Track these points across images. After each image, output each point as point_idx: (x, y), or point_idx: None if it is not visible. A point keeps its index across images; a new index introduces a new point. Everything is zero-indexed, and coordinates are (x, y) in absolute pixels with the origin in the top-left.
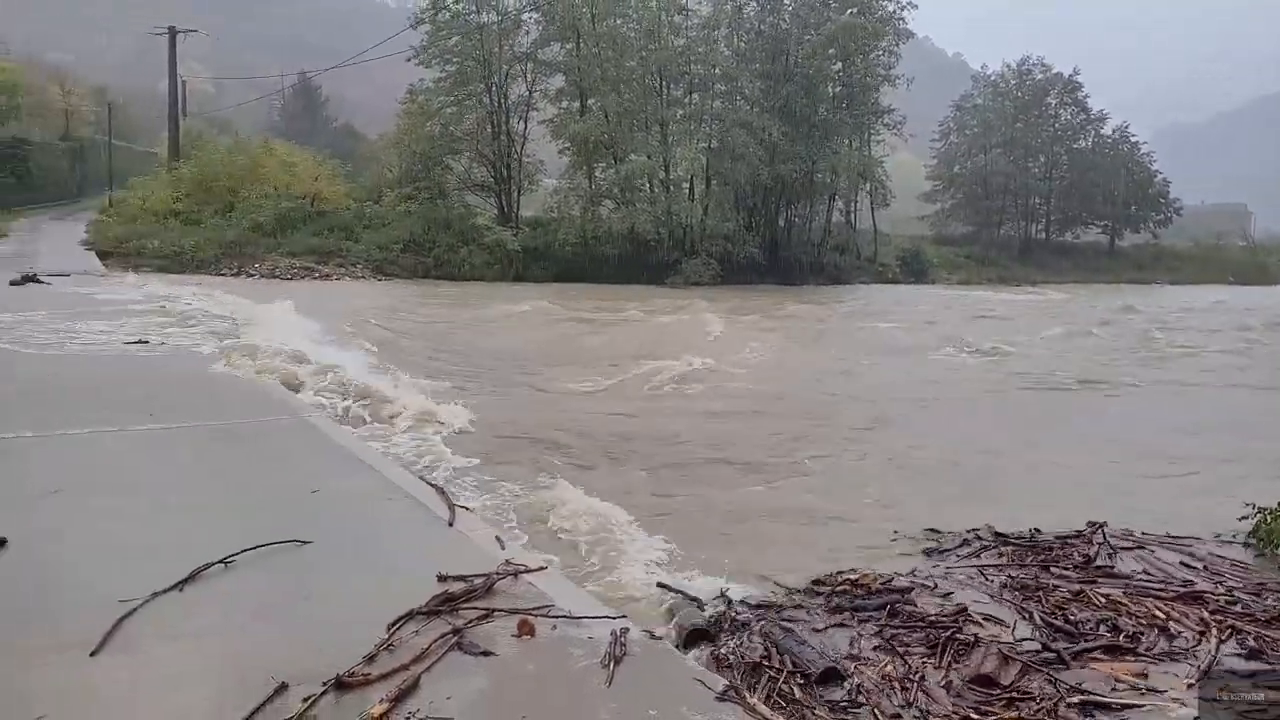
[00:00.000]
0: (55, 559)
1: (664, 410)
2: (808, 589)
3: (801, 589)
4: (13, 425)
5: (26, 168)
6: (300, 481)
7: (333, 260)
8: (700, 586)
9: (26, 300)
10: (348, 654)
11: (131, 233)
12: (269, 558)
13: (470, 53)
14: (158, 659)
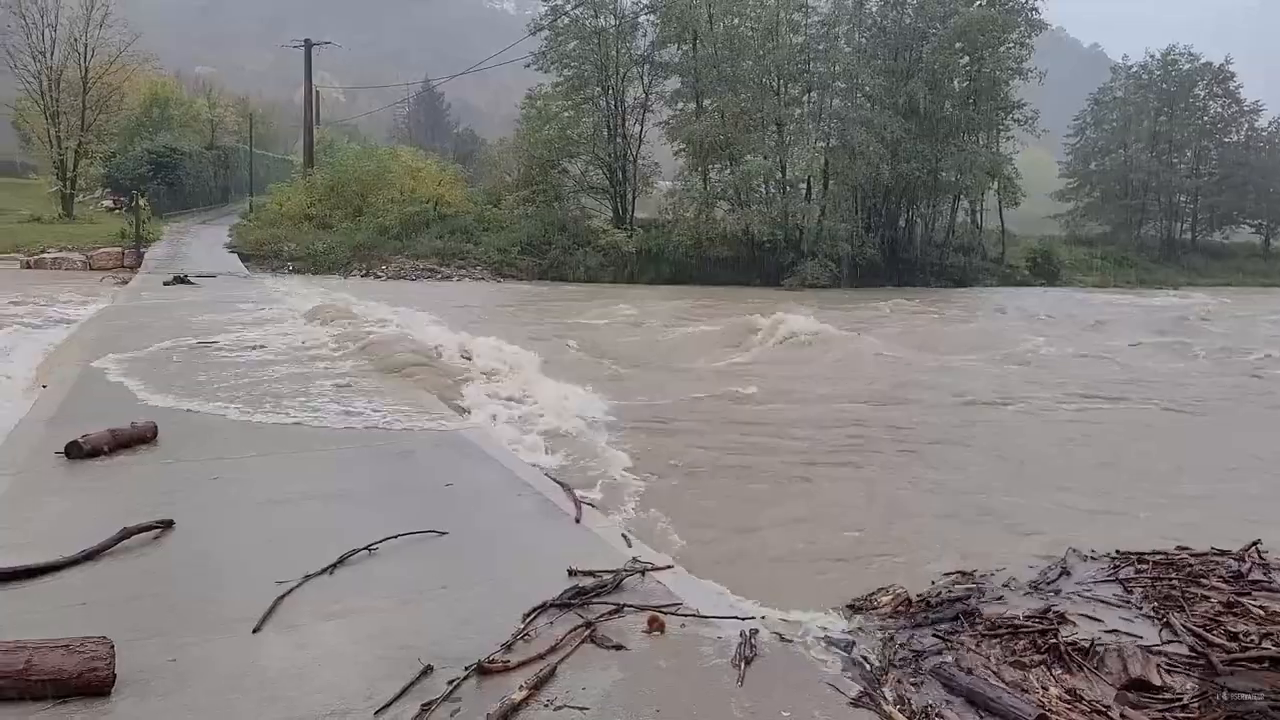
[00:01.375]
0: (218, 540)
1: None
2: (938, 602)
3: (933, 602)
4: (193, 417)
5: (178, 175)
6: (436, 475)
7: (454, 262)
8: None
9: (205, 304)
10: (486, 641)
11: (270, 236)
12: (409, 546)
13: (588, 57)
14: (313, 637)
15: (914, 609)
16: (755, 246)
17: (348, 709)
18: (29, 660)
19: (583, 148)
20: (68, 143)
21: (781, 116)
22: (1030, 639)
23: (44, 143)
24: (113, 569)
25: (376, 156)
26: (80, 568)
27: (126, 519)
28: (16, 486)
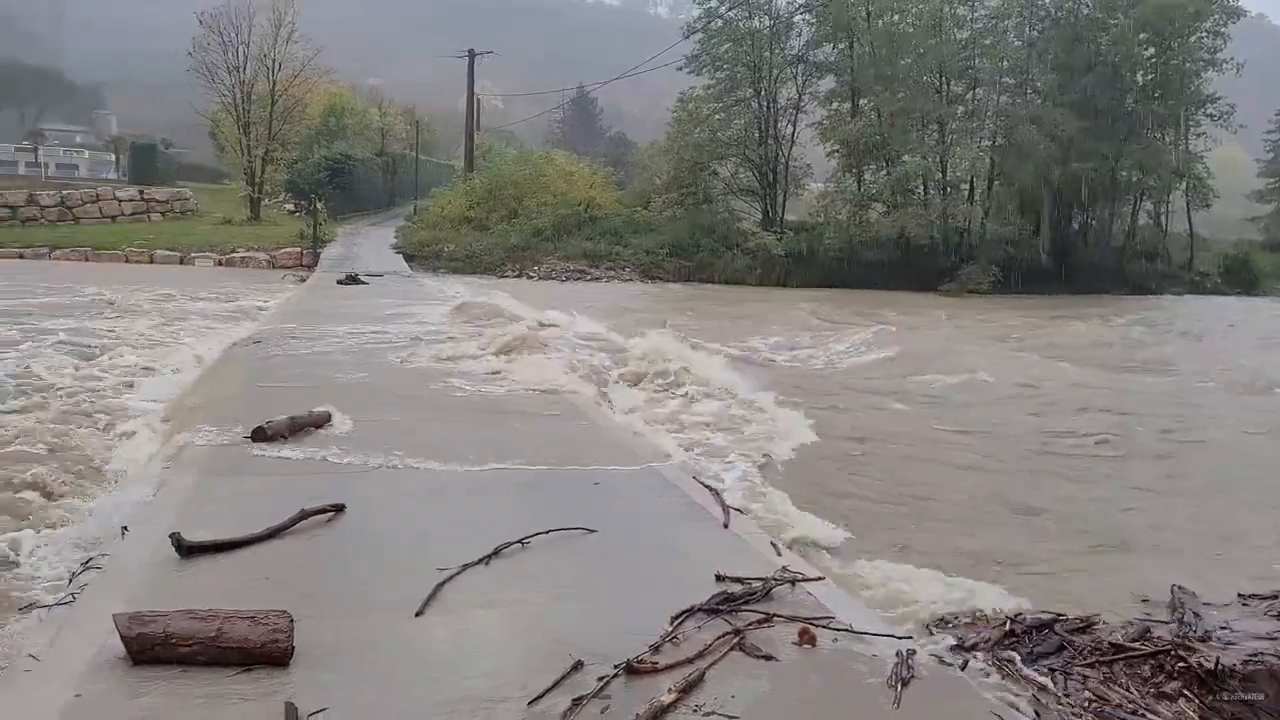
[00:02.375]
0: (384, 525)
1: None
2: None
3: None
4: (363, 408)
5: (351, 180)
6: (588, 472)
7: (603, 263)
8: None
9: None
10: (633, 640)
11: (432, 238)
12: (560, 542)
13: (740, 58)
14: (471, 624)
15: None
16: (911, 250)
17: (503, 697)
18: (219, 629)
19: (733, 150)
20: (256, 151)
21: (943, 115)
22: (1158, 662)
23: (236, 151)
24: (292, 547)
25: (532, 161)
26: (264, 545)
27: (304, 501)
28: (213, 469)
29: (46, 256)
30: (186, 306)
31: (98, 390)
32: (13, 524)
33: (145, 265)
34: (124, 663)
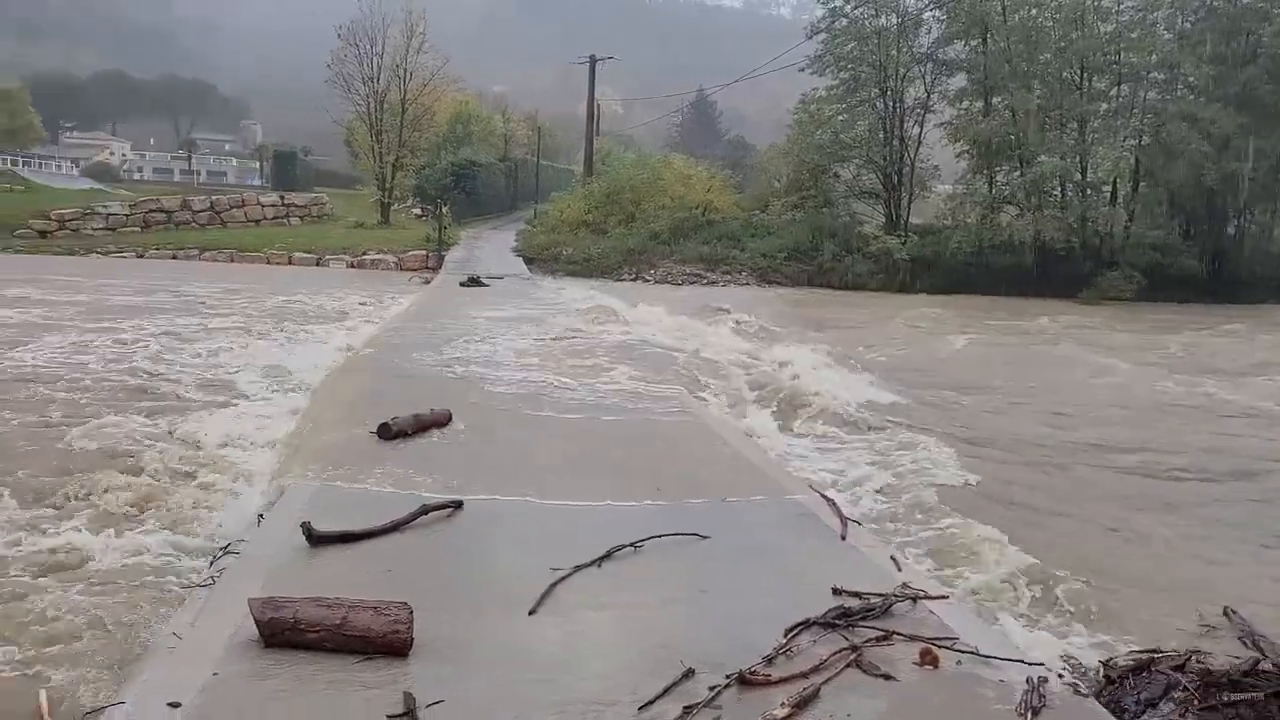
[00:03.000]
0: (500, 524)
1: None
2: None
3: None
4: (483, 409)
5: (475, 185)
6: (699, 477)
7: (719, 267)
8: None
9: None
10: (746, 651)
11: (550, 241)
12: (672, 547)
13: (866, 58)
14: (582, 625)
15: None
16: (1045, 254)
17: (613, 700)
18: (344, 617)
19: (856, 151)
20: (387, 158)
21: (1084, 113)
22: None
23: (369, 158)
24: (412, 541)
25: (649, 165)
26: (387, 537)
27: (426, 496)
28: (340, 462)
29: (196, 257)
30: (321, 306)
31: (236, 383)
32: (158, 509)
33: (284, 267)
34: (257, 645)
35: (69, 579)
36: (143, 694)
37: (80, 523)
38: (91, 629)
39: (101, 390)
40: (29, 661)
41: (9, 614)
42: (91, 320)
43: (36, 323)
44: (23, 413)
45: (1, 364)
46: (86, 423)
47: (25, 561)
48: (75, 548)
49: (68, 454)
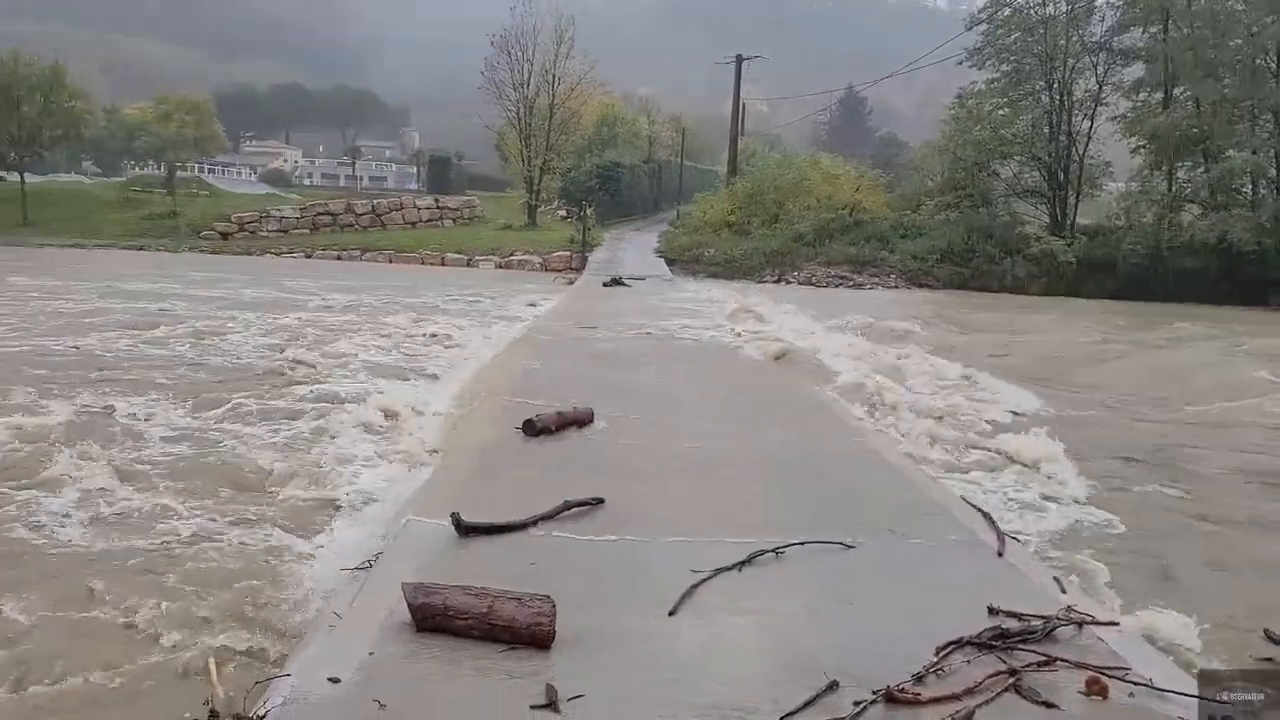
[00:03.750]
0: (640, 522)
1: None
2: None
3: None
4: (625, 408)
5: (619, 187)
6: (845, 484)
7: (866, 269)
8: None
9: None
10: (893, 666)
11: (693, 242)
12: (816, 554)
13: (1030, 48)
14: (722, 628)
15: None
16: (1233, 258)
17: (753, 708)
18: (490, 606)
19: (1017, 148)
20: (535, 161)
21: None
22: None
23: (518, 161)
24: (554, 536)
25: (795, 165)
26: (531, 531)
27: (566, 492)
28: (487, 455)
29: (358, 258)
30: (470, 305)
31: (388, 378)
32: (320, 495)
33: (437, 267)
34: (409, 628)
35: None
36: (305, 668)
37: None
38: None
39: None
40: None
41: (195, 574)
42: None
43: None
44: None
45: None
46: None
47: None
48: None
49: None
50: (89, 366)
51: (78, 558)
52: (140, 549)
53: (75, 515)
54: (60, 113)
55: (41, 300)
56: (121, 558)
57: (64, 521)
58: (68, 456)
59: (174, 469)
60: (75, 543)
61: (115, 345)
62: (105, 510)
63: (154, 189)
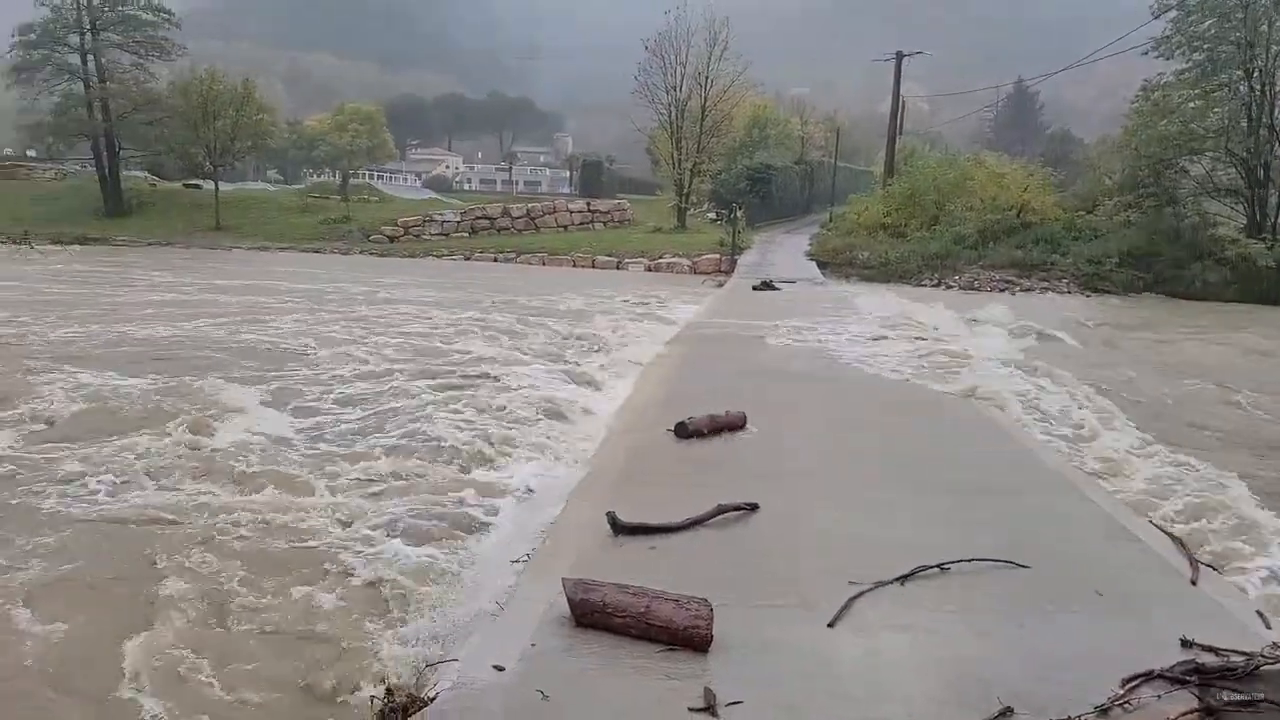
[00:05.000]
0: (797, 529)
1: None
2: None
3: None
4: (778, 413)
5: (769, 189)
6: (1020, 504)
7: (1035, 273)
8: None
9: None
10: (1072, 696)
11: (846, 245)
12: (985, 572)
13: (1227, 35)
14: (883, 644)
15: None
16: None
17: None
18: (648, 606)
19: (1210, 143)
20: (685, 164)
21: None
22: None
23: (668, 164)
24: (709, 539)
25: (958, 164)
26: (684, 534)
27: (718, 496)
28: (639, 456)
29: (513, 259)
30: (621, 307)
31: (545, 379)
32: (482, 487)
33: (588, 269)
34: (568, 622)
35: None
36: (471, 655)
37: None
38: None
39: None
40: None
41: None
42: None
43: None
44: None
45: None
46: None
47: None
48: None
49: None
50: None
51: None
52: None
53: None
54: (249, 125)
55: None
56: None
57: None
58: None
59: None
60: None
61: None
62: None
63: (330, 195)
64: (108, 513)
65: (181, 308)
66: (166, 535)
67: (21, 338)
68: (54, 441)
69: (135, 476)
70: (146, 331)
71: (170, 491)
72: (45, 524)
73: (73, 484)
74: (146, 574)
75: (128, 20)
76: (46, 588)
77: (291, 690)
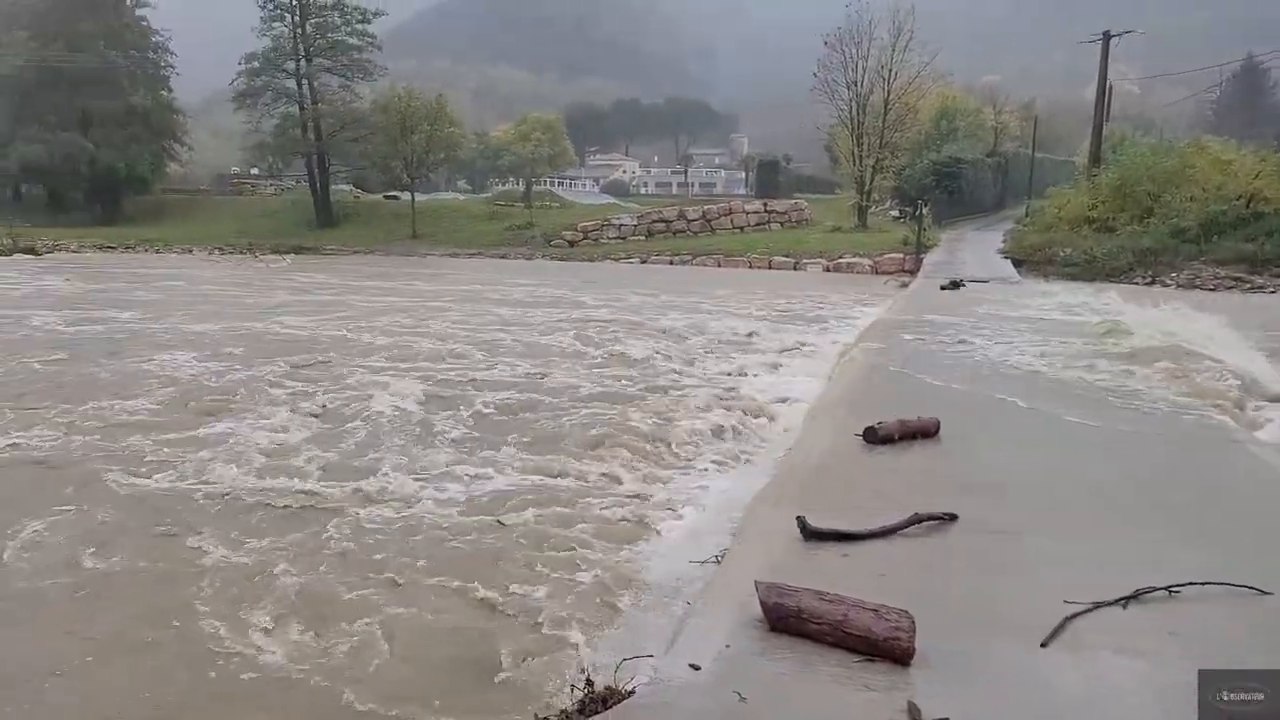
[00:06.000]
0: (1000, 543)
1: None
2: None
3: None
4: (975, 420)
5: (958, 184)
6: (1263, 525)
7: (1269, 269)
8: None
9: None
10: None
11: (1045, 241)
12: (1219, 598)
13: None
14: (1103, 669)
15: None
16: None
17: None
18: (845, 614)
19: None
20: (867, 160)
21: None
22: None
23: (848, 161)
24: (905, 549)
25: (1177, 151)
26: (877, 541)
27: (911, 505)
28: (827, 460)
29: (689, 262)
30: (800, 309)
31: (730, 380)
32: (667, 491)
33: (764, 270)
34: (761, 626)
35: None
36: (667, 652)
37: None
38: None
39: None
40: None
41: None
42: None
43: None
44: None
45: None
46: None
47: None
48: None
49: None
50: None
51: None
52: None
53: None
54: (442, 138)
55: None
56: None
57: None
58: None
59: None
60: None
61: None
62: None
63: (514, 202)
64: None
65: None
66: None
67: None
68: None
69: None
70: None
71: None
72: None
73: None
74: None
75: (336, 46)
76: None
77: (487, 673)
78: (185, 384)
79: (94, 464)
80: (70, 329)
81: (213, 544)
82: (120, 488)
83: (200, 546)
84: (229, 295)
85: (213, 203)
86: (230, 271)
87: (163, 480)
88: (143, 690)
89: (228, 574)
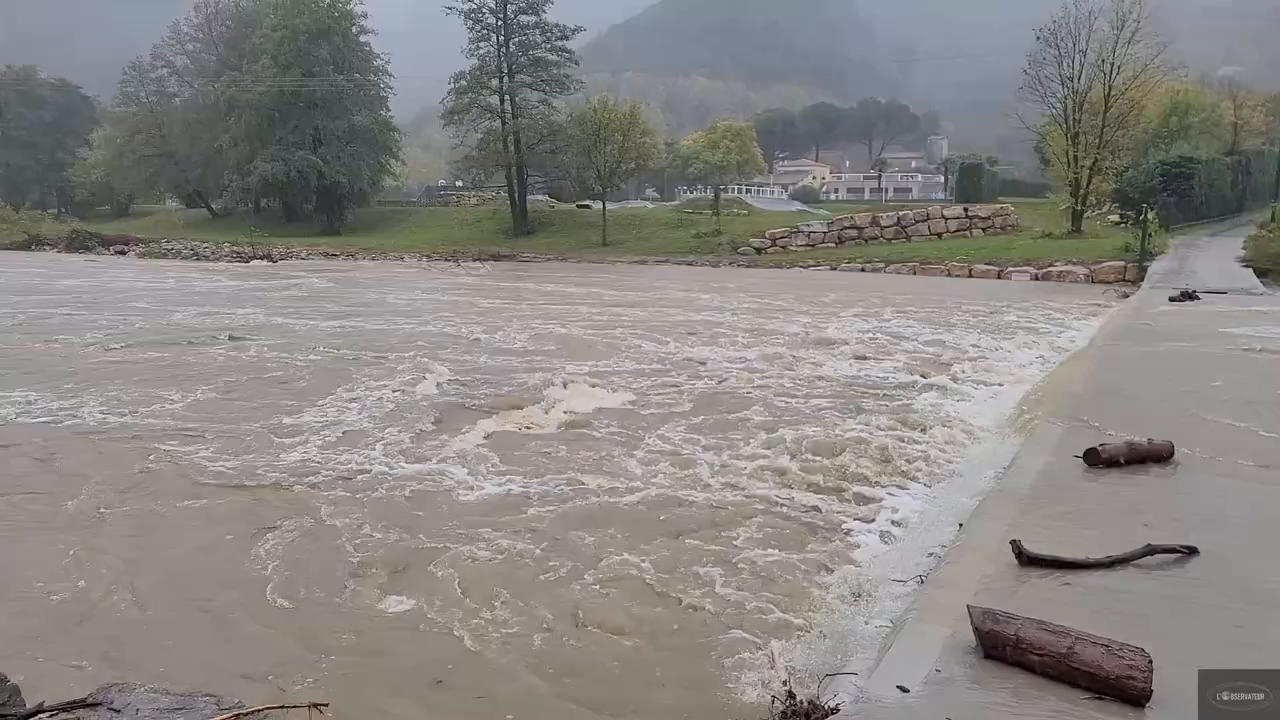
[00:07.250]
0: (1251, 581)
1: None
2: None
3: None
4: (1217, 446)
5: (1190, 186)
6: None
7: None
8: None
9: None
10: None
11: None
12: None
13: None
14: None
15: None
16: None
17: None
18: (1070, 647)
19: None
20: (1084, 161)
21: None
22: None
23: (1062, 163)
24: (1136, 582)
25: None
26: (1104, 572)
27: (1144, 535)
28: (1042, 481)
29: (882, 270)
30: (1009, 320)
31: (936, 395)
32: (866, 507)
33: (964, 278)
34: (974, 653)
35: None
36: (872, 672)
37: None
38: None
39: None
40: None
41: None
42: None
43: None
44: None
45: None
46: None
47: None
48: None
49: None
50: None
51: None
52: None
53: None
54: (634, 147)
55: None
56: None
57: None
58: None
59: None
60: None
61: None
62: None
63: (702, 210)
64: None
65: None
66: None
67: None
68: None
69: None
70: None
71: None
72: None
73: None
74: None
75: (537, 63)
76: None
77: (689, 682)
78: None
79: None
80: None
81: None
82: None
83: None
84: (470, 302)
85: (421, 213)
86: (453, 280)
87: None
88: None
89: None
